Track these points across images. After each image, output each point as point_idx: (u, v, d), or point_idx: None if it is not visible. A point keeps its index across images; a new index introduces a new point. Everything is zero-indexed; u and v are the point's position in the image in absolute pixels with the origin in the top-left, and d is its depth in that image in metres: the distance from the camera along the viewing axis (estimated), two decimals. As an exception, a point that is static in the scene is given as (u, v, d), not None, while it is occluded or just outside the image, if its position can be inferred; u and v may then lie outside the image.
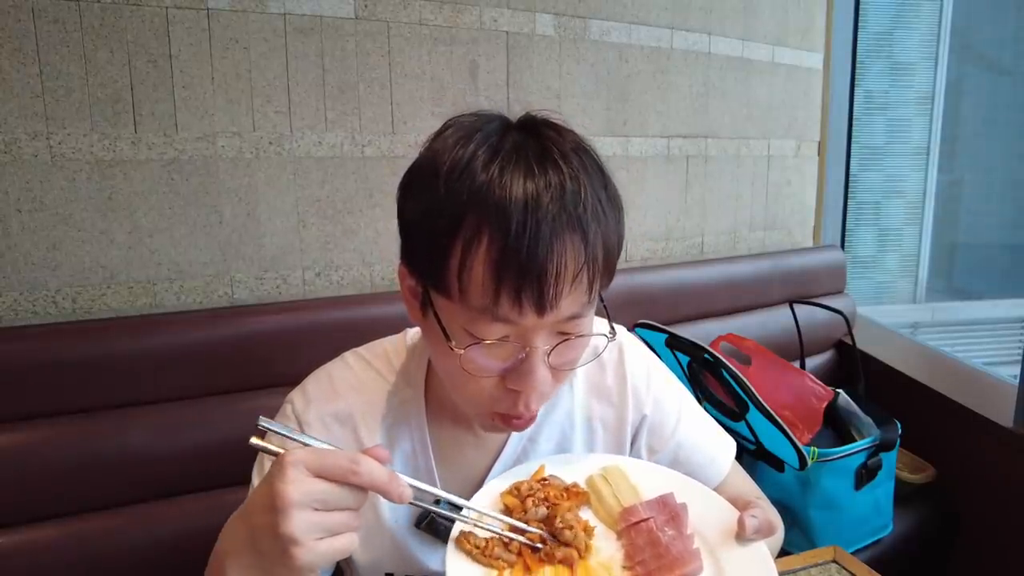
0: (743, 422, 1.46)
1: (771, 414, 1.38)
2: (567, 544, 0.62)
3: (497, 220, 0.56)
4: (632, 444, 0.84)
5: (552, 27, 1.67)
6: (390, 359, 0.79)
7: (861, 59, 2.38)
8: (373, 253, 1.52)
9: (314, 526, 0.50)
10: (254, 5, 1.33)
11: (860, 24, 2.32)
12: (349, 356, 0.81)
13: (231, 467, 0.78)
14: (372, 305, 1.38)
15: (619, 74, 1.81)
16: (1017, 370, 1.58)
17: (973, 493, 1.70)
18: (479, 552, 0.61)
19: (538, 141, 0.62)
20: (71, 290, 1.26)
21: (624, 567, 0.63)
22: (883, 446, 1.54)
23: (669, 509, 0.67)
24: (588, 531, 0.65)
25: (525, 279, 0.57)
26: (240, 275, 1.39)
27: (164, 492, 1.17)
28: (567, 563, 0.62)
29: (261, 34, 1.35)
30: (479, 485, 0.79)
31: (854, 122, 2.37)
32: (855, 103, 2.36)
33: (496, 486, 0.69)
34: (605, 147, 1.81)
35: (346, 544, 0.52)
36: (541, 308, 0.58)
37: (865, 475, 1.52)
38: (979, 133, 4.10)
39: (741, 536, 0.65)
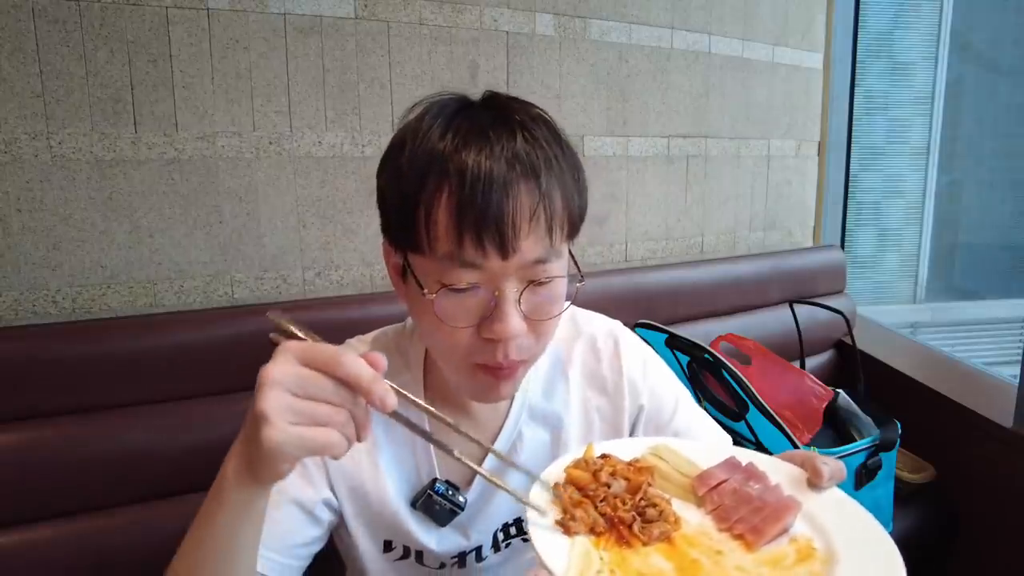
0: (743, 422, 1.46)
1: (771, 414, 1.38)
2: (652, 521, 0.60)
3: (455, 174, 0.62)
4: (630, 435, 0.85)
5: (552, 27, 1.67)
6: (390, 344, 0.82)
7: (861, 59, 2.38)
8: (373, 253, 1.52)
9: (288, 408, 0.50)
10: (254, 5, 1.33)
11: (860, 24, 2.32)
12: (352, 340, 0.84)
13: (231, 467, 0.78)
14: (372, 305, 1.37)
15: (619, 74, 1.81)
16: (1017, 370, 1.58)
17: (973, 493, 1.70)
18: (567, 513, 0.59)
19: (495, 112, 0.67)
20: (71, 290, 1.26)
21: (720, 530, 0.61)
22: (883, 446, 1.54)
23: (742, 468, 0.66)
24: (677, 522, 0.62)
25: (484, 221, 0.61)
26: (240, 275, 1.39)
27: (164, 492, 1.17)
28: (665, 537, 0.59)
29: (261, 34, 1.35)
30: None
31: (854, 122, 2.37)
32: (855, 103, 2.36)
33: (559, 463, 0.67)
34: (605, 147, 1.81)
35: (321, 438, 0.51)
36: (503, 250, 0.62)
37: (865, 475, 1.52)
38: (979, 133, 4.10)
39: (816, 483, 0.65)
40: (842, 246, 2.34)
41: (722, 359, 1.45)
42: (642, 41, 1.83)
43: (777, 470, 0.67)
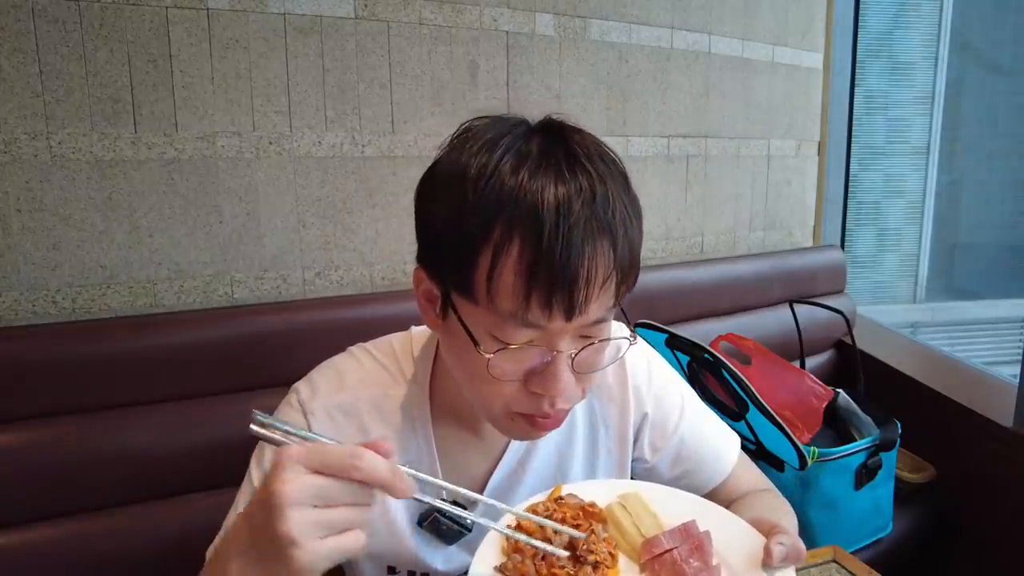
0: (743, 422, 1.46)
1: (771, 414, 1.38)
2: (595, 565, 0.62)
3: (528, 226, 0.56)
4: (635, 442, 0.84)
5: (552, 27, 1.67)
6: (397, 356, 0.79)
7: (861, 59, 2.38)
8: (373, 253, 1.52)
9: (314, 525, 0.47)
10: (254, 5, 1.33)
11: (860, 24, 2.32)
12: (356, 350, 0.80)
13: (231, 467, 0.78)
14: (372, 305, 1.38)
15: (619, 74, 1.81)
16: (1017, 370, 1.58)
17: (973, 493, 1.70)
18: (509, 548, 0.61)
19: (564, 145, 0.61)
20: (71, 290, 1.26)
21: None
22: (883, 446, 1.54)
23: (692, 538, 0.65)
24: (613, 558, 0.65)
25: (556, 285, 0.57)
26: (240, 275, 1.39)
27: (164, 492, 1.17)
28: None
29: (261, 34, 1.35)
30: (482, 486, 0.79)
31: (854, 122, 2.37)
32: (855, 103, 2.36)
33: (527, 502, 0.68)
34: (605, 147, 1.81)
35: (351, 542, 0.50)
36: (570, 313, 0.58)
37: (865, 475, 1.52)
38: (979, 133, 4.10)
39: (768, 564, 0.63)
40: (842, 246, 2.34)
41: (722, 359, 1.45)
42: (642, 41, 1.83)
43: (739, 539, 0.67)
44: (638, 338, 0.69)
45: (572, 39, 1.71)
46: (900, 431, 1.58)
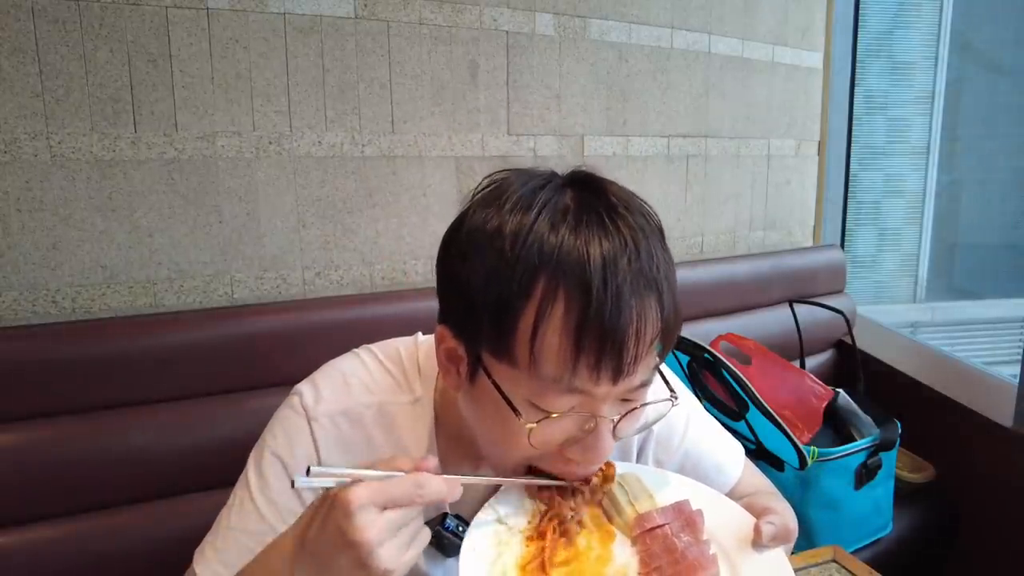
0: (743, 421, 1.46)
1: (771, 414, 1.38)
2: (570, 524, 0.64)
3: (575, 283, 0.54)
4: (638, 458, 0.84)
5: (552, 27, 1.67)
6: (404, 365, 0.76)
7: (861, 59, 2.38)
8: (373, 253, 1.52)
9: (399, 548, 0.52)
10: (254, 5, 1.33)
11: (860, 24, 2.32)
12: (363, 353, 0.77)
13: (231, 467, 0.78)
14: (372, 305, 1.38)
15: (619, 74, 1.81)
16: (1017, 370, 1.58)
17: (973, 493, 1.70)
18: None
19: (603, 198, 0.59)
20: (71, 290, 1.26)
21: (639, 573, 0.63)
22: (883, 446, 1.54)
23: (684, 515, 0.66)
24: (609, 536, 0.65)
25: (606, 346, 0.54)
26: (240, 275, 1.39)
27: (164, 492, 1.17)
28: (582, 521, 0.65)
29: (261, 34, 1.35)
30: None
31: (854, 122, 2.37)
32: (855, 103, 2.36)
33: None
34: (605, 147, 1.81)
35: (423, 541, 0.56)
36: (617, 375, 0.56)
37: (865, 475, 1.52)
38: (979, 133, 4.10)
39: (758, 543, 0.64)
40: (842, 246, 2.34)
41: (722, 359, 1.45)
42: (642, 41, 1.83)
43: (732, 520, 0.68)
44: (678, 399, 0.66)
45: (572, 39, 1.71)
46: (900, 431, 1.58)
